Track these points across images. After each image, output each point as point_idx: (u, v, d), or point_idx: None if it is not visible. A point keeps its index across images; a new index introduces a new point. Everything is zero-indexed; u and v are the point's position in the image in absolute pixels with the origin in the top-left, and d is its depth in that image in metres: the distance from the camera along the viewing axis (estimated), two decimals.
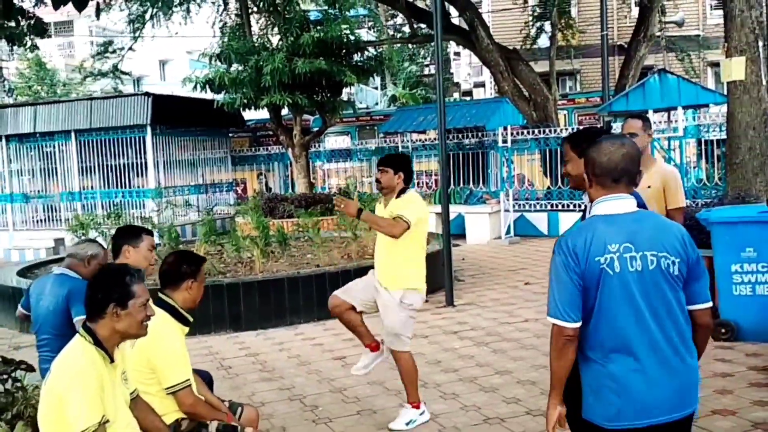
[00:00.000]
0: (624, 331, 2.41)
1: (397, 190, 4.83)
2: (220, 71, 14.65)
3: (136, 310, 2.71)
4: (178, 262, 3.47)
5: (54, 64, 35.23)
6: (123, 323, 2.68)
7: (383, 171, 4.83)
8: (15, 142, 16.98)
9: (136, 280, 2.75)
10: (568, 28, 17.46)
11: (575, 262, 2.42)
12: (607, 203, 2.52)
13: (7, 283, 8.95)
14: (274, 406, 5.31)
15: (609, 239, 2.42)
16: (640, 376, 2.40)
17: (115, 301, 2.68)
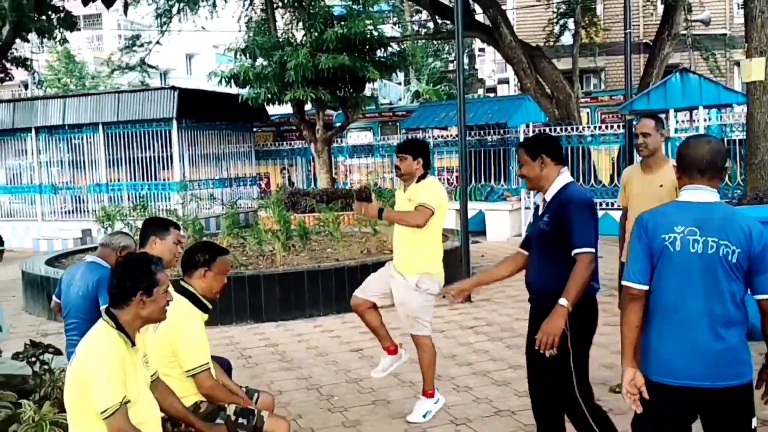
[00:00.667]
0: (671, 301, 2.74)
1: (417, 176, 4.90)
2: (245, 66, 14.84)
3: (159, 297, 2.86)
4: (195, 251, 3.63)
5: (83, 56, 35.79)
6: (148, 309, 2.83)
7: (402, 158, 4.91)
8: (44, 134, 17.32)
9: (160, 268, 2.90)
10: (592, 26, 17.38)
11: (646, 235, 2.80)
12: (687, 192, 2.83)
13: (36, 271, 9.19)
14: (292, 394, 5.46)
15: (677, 221, 2.76)
16: (674, 341, 2.72)
17: (143, 289, 2.83)
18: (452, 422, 4.75)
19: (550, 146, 3.63)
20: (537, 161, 3.57)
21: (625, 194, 5.12)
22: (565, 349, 3.39)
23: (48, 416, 3.09)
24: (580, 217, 3.42)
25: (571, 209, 3.44)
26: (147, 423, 2.78)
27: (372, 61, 14.96)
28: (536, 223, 3.66)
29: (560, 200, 3.51)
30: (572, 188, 3.56)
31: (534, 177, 3.60)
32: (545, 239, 3.55)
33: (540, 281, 3.57)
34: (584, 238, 3.39)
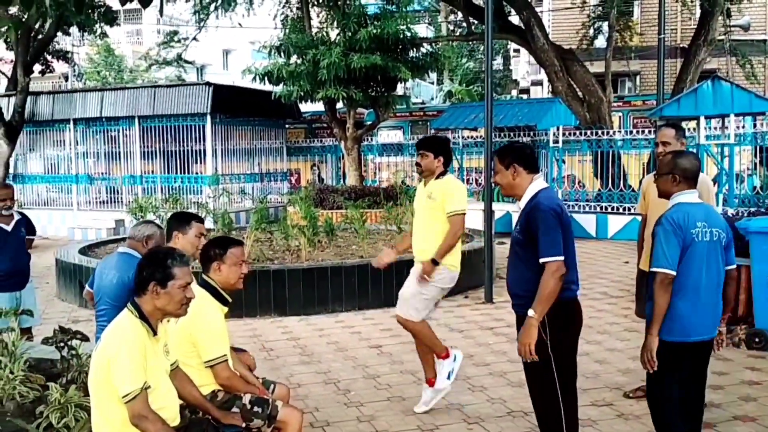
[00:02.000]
0: (695, 278, 3.56)
1: (437, 173, 5.00)
2: (279, 64, 15.06)
3: (174, 291, 2.98)
4: (209, 246, 3.79)
5: (122, 50, 36.44)
6: (162, 301, 2.97)
7: (423, 155, 4.99)
8: (82, 126, 17.73)
9: (178, 264, 3.02)
10: (627, 30, 17.28)
11: (680, 231, 3.54)
12: (690, 194, 3.70)
13: (69, 260, 9.47)
14: (310, 387, 5.59)
15: (697, 218, 3.60)
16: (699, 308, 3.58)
17: (156, 281, 2.97)
18: (465, 421, 4.84)
19: (521, 155, 3.68)
20: (509, 170, 3.65)
21: (644, 202, 5.15)
22: (546, 355, 3.47)
23: (73, 399, 3.26)
24: (545, 225, 3.47)
25: (537, 217, 3.50)
26: (165, 409, 2.92)
27: (404, 61, 15.06)
28: (513, 231, 3.76)
29: (529, 208, 3.58)
30: (541, 196, 3.59)
31: (506, 185, 3.68)
32: (518, 246, 3.64)
33: (517, 287, 3.65)
34: (550, 247, 3.44)
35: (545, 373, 3.52)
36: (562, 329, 3.53)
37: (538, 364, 3.49)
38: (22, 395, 3.44)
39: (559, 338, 3.51)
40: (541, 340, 3.46)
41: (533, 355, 3.43)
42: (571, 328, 3.62)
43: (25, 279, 6.01)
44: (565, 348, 3.57)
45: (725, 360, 5.99)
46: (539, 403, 3.71)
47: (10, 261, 5.82)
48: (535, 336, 3.40)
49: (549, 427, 3.66)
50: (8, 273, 5.81)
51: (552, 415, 3.59)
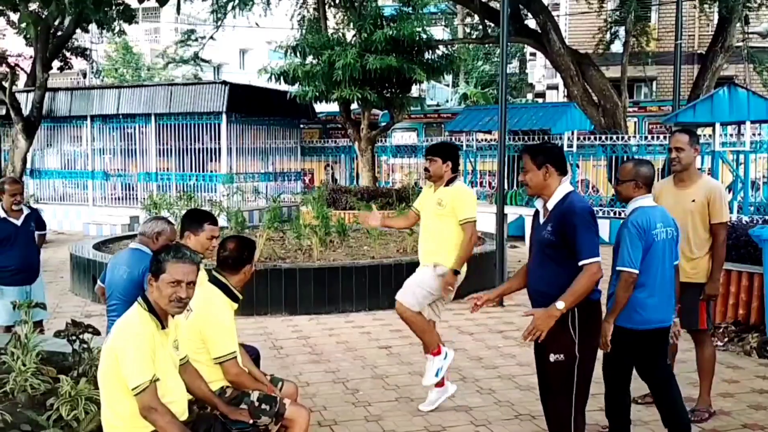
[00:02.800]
0: (656, 274, 4.04)
1: (446, 178, 5.05)
2: (295, 64, 15.12)
3: (164, 286, 2.97)
4: (240, 249, 3.77)
5: (140, 48, 36.68)
6: (154, 294, 3.00)
7: (432, 160, 5.05)
8: (99, 122, 17.88)
9: (172, 259, 3.00)
10: (644, 35, 17.18)
11: (644, 233, 3.96)
12: (648, 199, 4.17)
13: (84, 255, 9.55)
14: (318, 386, 5.61)
15: (657, 220, 4.05)
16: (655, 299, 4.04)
17: (152, 273, 3.01)
18: (472, 423, 4.85)
19: (555, 155, 3.69)
20: (542, 169, 3.63)
21: None
22: (573, 354, 3.52)
23: (83, 392, 3.30)
24: (583, 227, 3.50)
25: (575, 220, 3.51)
26: (174, 403, 2.96)
27: (419, 63, 15.08)
28: (537, 230, 3.72)
29: (563, 210, 3.57)
30: (574, 198, 3.64)
31: (536, 184, 3.67)
32: (548, 247, 3.62)
33: (541, 288, 3.64)
34: (590, 249, 3.48)
35: (567, 373, 3.54)
36: (590, 330, 3.59)
37: (561, 363, 3.52)
38: (34, 387, 3.48)
39: (587, 339, 3.56)
40: (570, 339, 3.50)
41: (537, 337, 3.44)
42: (596, 330, 3.68)
43: (34, 274, 6.06)
44: (589, 349, 3.61)
45: (736, 368, 5.96)
46: (552, 402, 3.71)
47: (20, 256, 5.88)
48: (551, 325, 3.41)
49: (558, 428, 3.68)
50: (18, 268, 5.87)
51: (564, 416, 3.60)
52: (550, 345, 3.54)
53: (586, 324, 3.53)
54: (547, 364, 3.63)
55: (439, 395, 5.07)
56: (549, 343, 3.53)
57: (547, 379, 3.72)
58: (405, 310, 4.98)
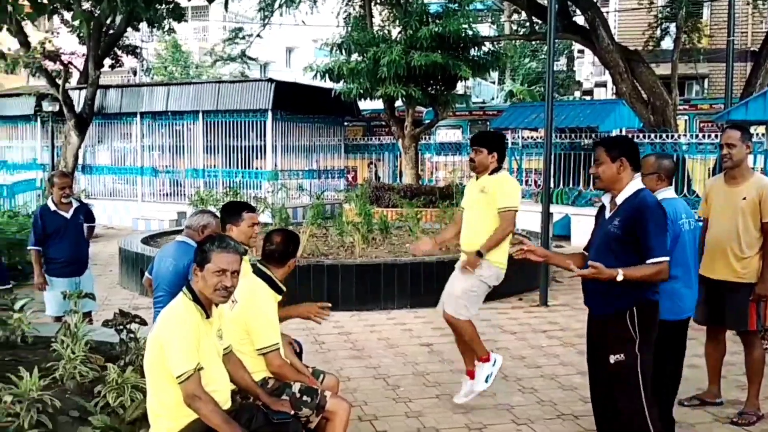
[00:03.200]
0: (687, 262, 4.26)
1: (491, 168, 4.96)
2: (340, 61, 15.17)
3: (209, 275, 3.02)
4: (286, 242, 3.82)
5: (189, 46, 37.27)
6: (199, 284, 3.04)
7: (477, 150, 4.95)
8: (148, 119, 18.23)
9: (217, 249, 3.05)
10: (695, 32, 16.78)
11: (671, 223, 3.99)
12: (670, 190, 4.37)
13: (132, 249, 9.75)
14: (360, 381, 5.63)
15: (682, 211, 4.28)
16: (692, 287, 4.31)
17: (197, 263, 3.05)
18: (513, 422, 4.80)
19: (631, 150, 3.63)
20: (616, 163, 3.57)
21: (706, 205, 5.00)
22: (633, 353, 3.47)
23: (130, 380, 3.37)
24: (656, 225, 3.45)
25: (647, 216, 3.45)
26: (218, 392, 2.99)
27: (465, 59, 14.98)
28: (603, 225, 3.65)
29: (634, 205, 3.51)
30: (646, 194, 3.58)
31: (609, 177, 3.60)
32: (613, 242, 3.54)
33: (604, 287, 3.50)
34: (661, 248, 3.45)
35: (631, 372, 3.49)
36: (649, 329, 3.54)
37: (623, 363, 3.48)
38: (82, 375, 3.57)
39: (646, 337, 3.52)
40: (630, 337, 3.47)
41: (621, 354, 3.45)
42: (654, 330, 3.62)
43: (83, 266, 6.21)
44: (649, 348, 3.55)
45: None
46: (624, 405, 3.58)
47: (69, 248, 6.02)
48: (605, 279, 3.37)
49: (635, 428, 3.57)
50: (67, 260, 6.02)
51: (639, 415, 3.52)
52: (610, 346, 3.52)
53: (645, 323, 3.50)
54: (608, 367, 3.55)
55: (470, 388, 4.99)
56: (608, 346, 3.52)
57: (609, 382, 3.61)
58: (455, 321, 4.91)
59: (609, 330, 3.54)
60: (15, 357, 3.87)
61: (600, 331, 3.64)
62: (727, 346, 5.16)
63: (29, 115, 19.58)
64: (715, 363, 5.06)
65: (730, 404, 5.04)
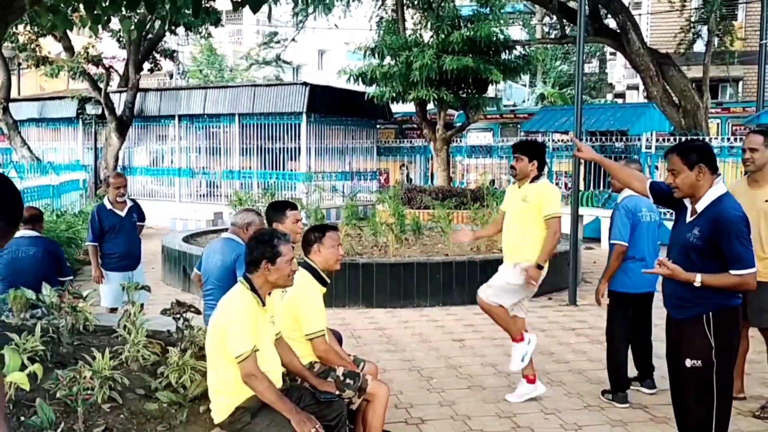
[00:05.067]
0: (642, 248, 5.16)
1: (531, 176, 5.22)
2: (373, 65, 15.48)
3: (283, 266, 3.37)
4: (308, 232, 4.19)
5: (223, 50, 37.89)
6: (273, 276, 3.35)
7: (519, 158, 5.22)
8: (186, 122, 18.73)
9: (283, 242, 3.42)
10: (727, 35, 16.77)
11: (631, 214, 5.13)
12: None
13: (174, 247, 10.15)
14: (395, 373, 5.90)
15: (642, 205, 5.14)
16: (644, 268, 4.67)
17: (267, 259, 3.35)
18: (542, 411, 5.04)
19: (708, 154, 3.48)
20: (694, 170, 3.42)
21: None
22: (710, 359, 3.42)
23: (189, 363, 3.69)
24: (738, 236, 3.35)
25: (729, 229, 3.35)
26: (270, 372, 3.30)
27: (496, 63, 15.19)
28: (682, 230, 3.57)
29: (715, 215, 3.39)
30: (728, 202, 3.43)
31: (688, 186, 3.44)
32: (692, 251, 3.46)
33: (679, 288, 3.51)
34: (746, 259, 3.35)
35: (705, 379, 3.44)
36: (728, 337, 3.46)
37: (698, 369, 3.43)
38: (144, 358, 3.89)
39: (724, 344, 3.44)
40: (707, 343, 3.41)
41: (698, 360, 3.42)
42: (735, 335, 3.53)
43: (136, 261, 6.60)
44: (727, 354, 3.48)
45: None
46: (690, 415, 3.57)
47: (124, 244, 6.42)
48: (680, 279, 3.39)
49: None
50: (122, 255, 6.42)
51: (704, 425, 3.50)
52: (686, 350, 3.48)
53: (723, 329, 3.42)
54: (683, 370, 3.51)
55: (529, 391, 5.23)
56: (686, 348, 3.48)
57: (682, 385, 3.59)
58: (485, 303, 5.18)
59: (685, 334, 3.51)
60: (82, 342, 4.22)
61: (678, 334, 3.60)
62: (751, 344, 5.34)
63: (71, 117, 20.25)
64: (739, 359, 5.23)
65: (754, 399, 5.21)
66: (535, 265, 5.04)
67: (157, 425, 3.33)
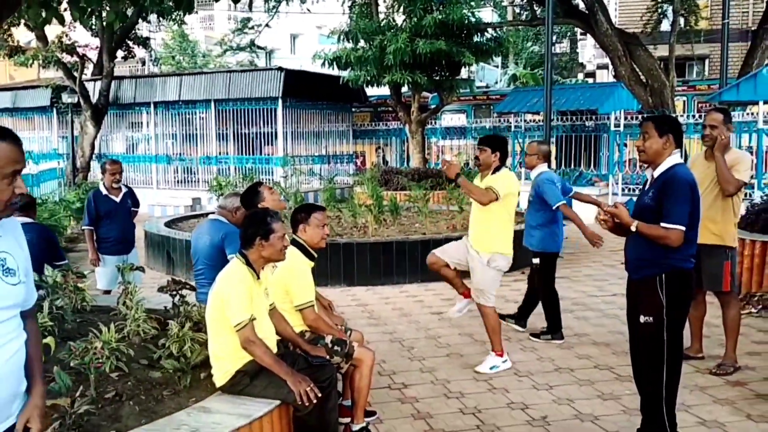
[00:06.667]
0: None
1: (493, 167, 5.56)
2: (347, 50, 15.70)
3: (276, 242, 3.66)
4: (295, 212, 4.48)
5: (195, 35, 37.74)
6: (267, 251, 3.64)
7: (482, 150, 5.60)
8: (162, 109, 18.82)
9: (275, 220, 3.70)
10: (691, 14, 17.22)
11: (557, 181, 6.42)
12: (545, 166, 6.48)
13: (157, 232, 10.37)
14: (378, 345, 6.21)
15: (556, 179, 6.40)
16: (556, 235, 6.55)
17: (261, 236, 3.64)
18: (515, 374, 5.40)
19: (677, 128, 3.91)
20: (663, 138, 3.82)
21: None
22: (660, 318, 3.75)
23: (188, 334, 3.97)
24: (678, 195, 3.70)
25: (674, 186, 3.72)
26: (266, 339, 3.59)
27: (468, 46, 15.49)
28: (641, 197, 3.96)
29: (666, 177, 3.78)
30: (679, 168, 3.82)
31: (654, 151, 3.84)
32: (647, 212, 3.80)
33: (636, 252, 3.86)
34: (677, 216, 3.69)
35: (656, 337, 3.76)
36: (680, 297, 3.79)
37: (650, 326, 3.76)
38: (145, 332, 4.17)
39: (676, 305, 3.76)
40: (659, 302, 3.73)
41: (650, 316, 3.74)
42: (686, 297, 3.85)
43: (130, 245, 6.85)
44: (677, 312, 3.79)
45: (766, 332, 6.36)
46: (645, 364, 3.90)
47: (119, 229, 6.66)
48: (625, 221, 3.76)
49: (649, 393, 3.90)
50: (117, 239, 6.65)
51: (654, 382, 3.82)
52: (641, 308, 3.81)
53: (674, 290, 3.74)
54: (637, 326, 3.85)
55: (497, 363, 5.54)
56: (640, 306, 3.82)
57: (637, 340, 3.93)
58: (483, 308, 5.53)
59: (641, 294, 3.83)
60: (84, 319, 4.48)
61: (634, 293, 3.94)
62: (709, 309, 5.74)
63: (45, 106, 20.22)
64: (697, 322, 5.64)
65: (711, 359, 5.60)
66: (458, 170, 5.47)
67: (163, 390, 3.62)
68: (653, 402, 3.88)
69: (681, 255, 3.78)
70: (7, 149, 2.02)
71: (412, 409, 4.76)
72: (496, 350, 5.57)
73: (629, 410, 4.58)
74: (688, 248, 3.79)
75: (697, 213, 3.79)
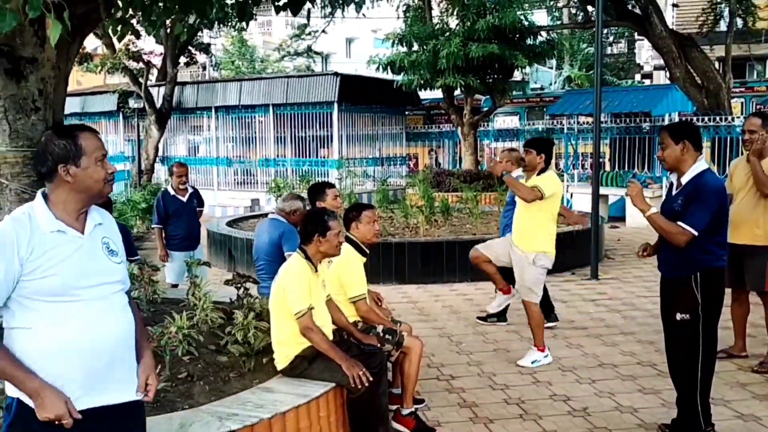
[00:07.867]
0: None
1: (538, 169, 5.81)
2: (401, 54, 16.01)
3: (332, 238, 4.00)
4: (347, 211, 4.85)
5: (254, 40, 38.61)
6: (324, 246, 3.98)
7: (528, 151, 5.88)
8: (222, 113, 19.48)
9: (332, 218, 4.05)
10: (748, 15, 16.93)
11: None
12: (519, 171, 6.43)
13: (218, 231, 10.88)
14: (427, 339, 6.46)
15: None
16: None
17: (319, 233, 3.98)
18: (560, 369, 5.62)
19: (693, 132, 4.02)
20: (679, 145, 3.95)
21: (731, 183, 5.69)
22: (696, 315, 3.93)
23: (252, 323, 4.33)
24: (703, 202, 3.84)
25: (701, 193, 3.86)
26: (322, 326, 3.93)
27: (521, 49, 15.60)
28: (669, 202, 4.08)
29: (696, 185, 3.91)
30: (708, 176, 3.97)
31: (674, 159, 3.98)
32: (675, 217, 3.92)
33: (671, 253, 4.03)
34: (695, 219, 3.83)
35: (692, 333, 3.94)
36: (713, 294, 3.97)
37: (687, 323, 3.93)
38: (212, 321, 4.55)
39: (710, 302, 3.94)
40: (694, 300, 3.91)
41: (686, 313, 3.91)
42: (719, 293, 4.01)
43: (196, 242, 7.33)
44: (712, 313, 3.97)
45: None
46: (679, 363, 4.08)
47: (185, 226, 7.14)
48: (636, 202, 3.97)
49: (684, 388, 4.07)
50: (183, 236, 7.14)
51: (689, 376, 3.99)
52: (677, 306, 3.98)
53: (708, 288, 3.92)
54: (674, 323, 4.02)
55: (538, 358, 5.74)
56: (676, 304, 3.99)
57: (673, 337, 4.11)
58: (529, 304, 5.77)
59: (677, 292, 4.00)
60: (157, 310, 4.90)
61: (669, 292, 4.09)
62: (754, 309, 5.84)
63: (112, 111, 21.14)
64: (740, 320, 5.76)
65: (755, 357, 5.72)
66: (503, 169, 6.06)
67: (229, 372, 4.00)
68: (688, 395, 4.07)
69: (714, 255, 3.97)
70: (92, 138, 2.40)
71: (458, 398, 5.04)
72: (538, 345, 5.78)
73: (668, 404, 4.74)
74: (719, 248, 3.99)
75: (724, 217, 3.97)
